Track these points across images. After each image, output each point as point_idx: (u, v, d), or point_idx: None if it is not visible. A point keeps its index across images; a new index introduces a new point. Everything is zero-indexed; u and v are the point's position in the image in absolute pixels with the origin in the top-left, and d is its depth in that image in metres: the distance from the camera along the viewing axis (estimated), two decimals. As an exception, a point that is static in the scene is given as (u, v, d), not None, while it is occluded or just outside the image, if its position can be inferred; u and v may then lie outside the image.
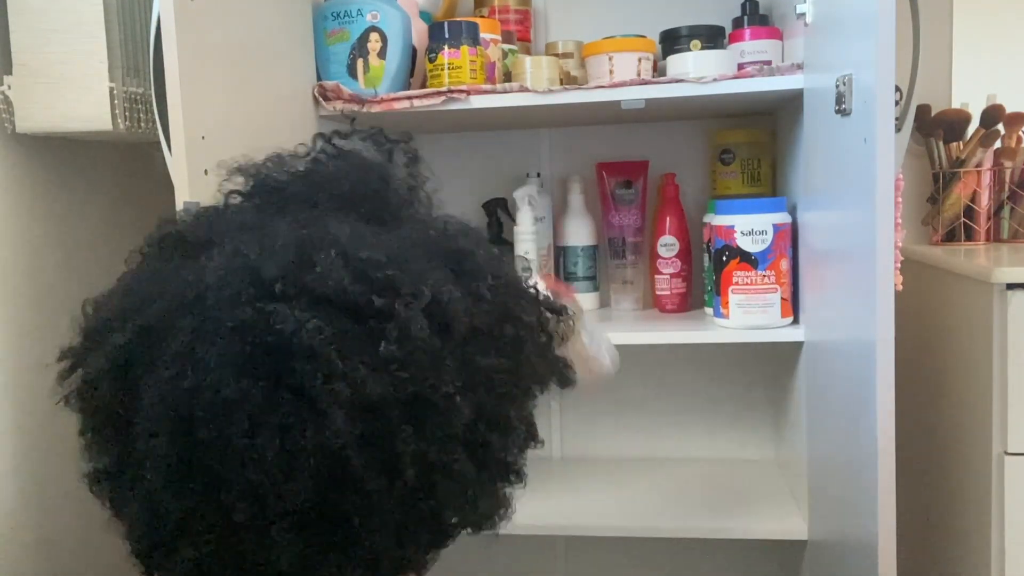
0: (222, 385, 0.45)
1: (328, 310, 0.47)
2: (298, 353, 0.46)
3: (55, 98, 1.11)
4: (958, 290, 1.16)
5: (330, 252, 0.49)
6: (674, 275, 1.41)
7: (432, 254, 0.53)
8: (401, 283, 0.49)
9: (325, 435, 0.45)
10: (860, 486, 0.94)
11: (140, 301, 0.51)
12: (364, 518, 0.48)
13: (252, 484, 0.45)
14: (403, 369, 0.47)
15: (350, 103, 1.26)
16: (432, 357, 0.48)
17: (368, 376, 0.46)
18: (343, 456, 0.46)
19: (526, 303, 0.57)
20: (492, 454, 0.52)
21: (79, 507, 1.29)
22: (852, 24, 0.94)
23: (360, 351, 0.47)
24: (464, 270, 0.54)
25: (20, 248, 1.18)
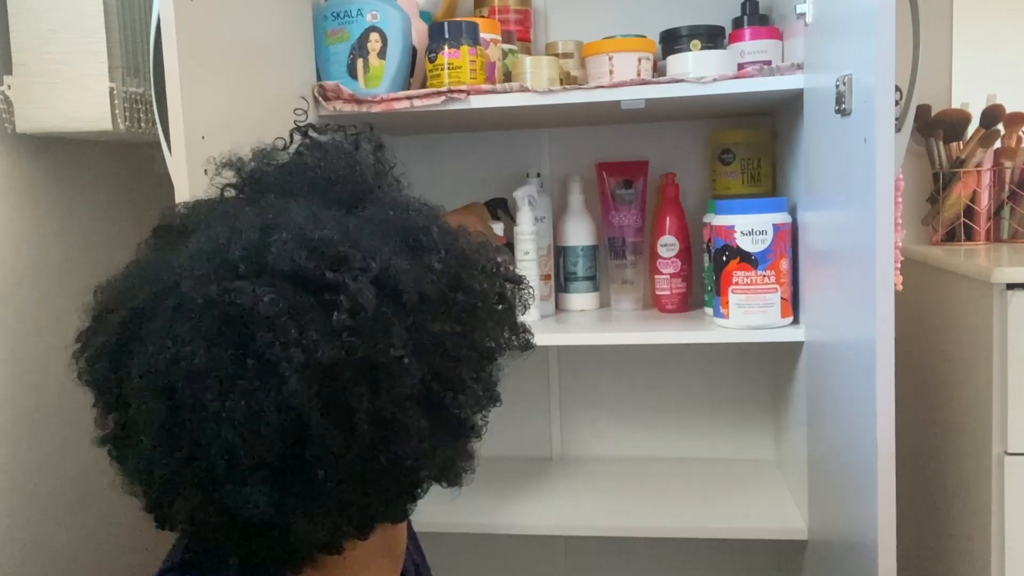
0: (195, 355, 0.51)
1: (285, 285, 0.53)
2: (258, 324, 0.51)
3: (55, 98, 1.12)
4: (958, 290, 1.16)
5: (287, 233, 0.55)
6: (674, 275, 1.41)
7: (388, 231, 0.59)
8: (352, 258, 0.54)
9: (285, 396, 0.51)
10: (860, 486, 0.94)
11: (133, 286, 0.58)
12: (328, 470, 0.53)
13: (226, 442, 0.51)
14: (354, 335, 0.53)
15: (350, 103, 1.26)
16: (381, 324, 0.54)
17: (321, 342, 0.52)
18: (303, 415, 0.52)
19: (479, 274, 0.62)
20: (446, 411, 0.58)
21: (77, 506, 1.29)
22: (852, 24, 0.94)
23: (313, 320, 0.52)
24: (418, 245, 0.59)
25: (20, 248, 1.18)
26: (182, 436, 0.52)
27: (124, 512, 1.39)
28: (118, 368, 0.56)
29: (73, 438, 1.28)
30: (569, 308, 1.49)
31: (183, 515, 0.55)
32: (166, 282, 0.55)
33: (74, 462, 1.28)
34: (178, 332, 0.52)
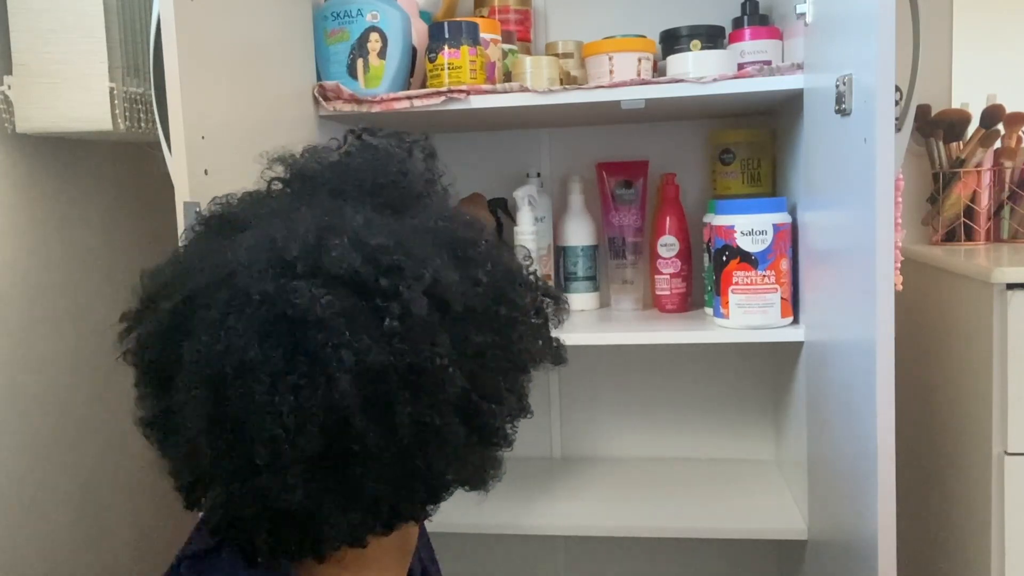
0: (248, 348, 0.53)
1: (340, 288, 0.55)
2: (312, 324, 0.53)
3: (55, 98, 1.12)
4: (958, 290, 1.16)
5: (344, 238, 0.56)
6: (674, 275, 1.41)
7: (438, 242, 0.60)
8: (405, 266, 0.56)
9: (332, 396, 0.53)
10: (860, 486, 0.94)
11: (185, 273, 0.59)
12: (365, 468, 0.55)
13: (271, 434, 0.53)
14: (403, 342, 0.55)
15: (350, 103, 1.26)
16: (429, 332, 0.56)
17: (371, 347, 0.54)
18: (348, 415, 0.53)
19: (521, 288, 0.64)
20: (482, 419, 0.60)
21: (78, 505, 1.29)
22: (852, 24, 0.94)
23: (366, 325, 0.54)
24: (465, 257, 0.61)
25: (20, 248, 1.18)
26: (227, 426, 0.54)
27: (124, 511, 1.39)
28: (168, 353, 0.57)
29: (73, 437, 1.28)
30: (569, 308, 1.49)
31: (219, 500, 0.57)
32: (221, 273, 0.56)
33: (74, 461, 1.28)
34: (232, 324, 0.54)
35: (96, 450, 1.33)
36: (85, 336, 1.30)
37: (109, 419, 1.35)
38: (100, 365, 1.33)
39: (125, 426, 1.39)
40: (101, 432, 1.34)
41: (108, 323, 1.35)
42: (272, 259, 0.56)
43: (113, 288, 1.36)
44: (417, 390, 0.55)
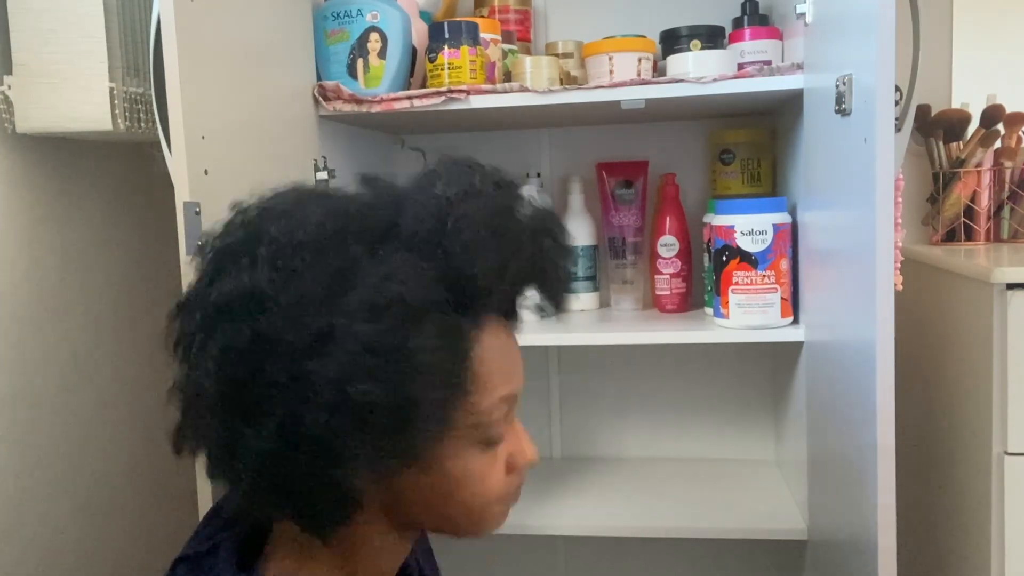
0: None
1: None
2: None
3: (55, 98, 1.11)
4: (958, 290, 1.16)
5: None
6: (674, 275, 1.41)
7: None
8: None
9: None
10: (860, 486, 0.94)
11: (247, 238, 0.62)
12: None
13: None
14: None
15: (350, 103, 1.26)
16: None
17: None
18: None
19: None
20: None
21: (79, 504, 1.29)
22: (852, 24, 0.94)
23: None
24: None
25: (20, 248, 1.18)
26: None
27: (125, 510, 1.39)
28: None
29: (74, 437, 1.28)
30: (569, 308, 1.49)
31: (251, 462, 0.58)
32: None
33: (75, 461, 1.28)
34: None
35: (97, 449, 1.33)
36: (85, 335, 1.30)
37: (110, 418, 1.35)
38: (100, 364, 1.33)
39: (126, 425, 1.39)
40: (102, 432, 1.34)
41: (108, 323, 1.35)
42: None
43: (113, 288, 1.36)
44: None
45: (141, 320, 1.42)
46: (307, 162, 1.23)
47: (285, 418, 0.56)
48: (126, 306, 1.39)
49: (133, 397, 1.40)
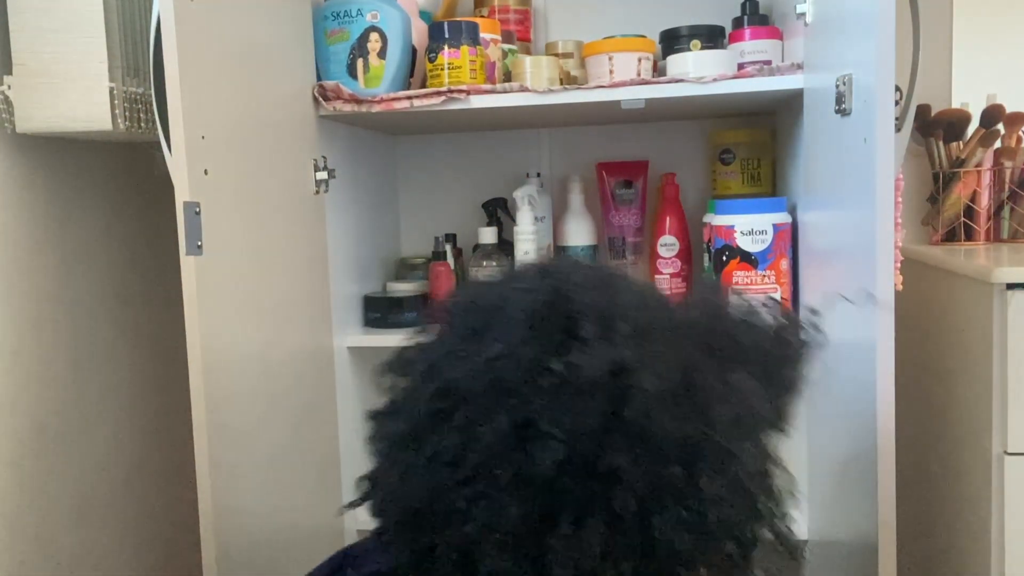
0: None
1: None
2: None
3: (55, 98, 1.11)
4: (958, 290, 1.16)
5: None
6: (674, 275, 1.41)
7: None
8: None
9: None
10: (860, 486, 0.94)
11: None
12: None
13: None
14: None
15: (350, 103, 1.26)
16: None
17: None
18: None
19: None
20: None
21: (79, 503, 1.29)
22: (852, 24, 0.94)
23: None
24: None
25: (20, 248, 1.18)
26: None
27: (125, 509, 1.39)
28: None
29: (74, 438, 1.28)
30: (569, 308, 1.49)
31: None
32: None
33: (76, 463, 1.28)
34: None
35: (96, 449, 1.33)
36: (85, 335, 1.30)
37: (109, 419, 1.35)
38: (100, 364, 1.33)
39: (125, 425, 1.39)
40: (101, 432, 1.34)
41: (108, 322, 1.35)
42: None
43: (113, 287, 1.36)
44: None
45: (141, 320, 1.42)
46: (307, 162, 1.23)
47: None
48: (126, 306, 1.39)
49: (133, 397, 1.40)
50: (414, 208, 1.62)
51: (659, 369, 0.50)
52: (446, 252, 1.43)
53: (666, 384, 0.50)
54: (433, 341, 0.55)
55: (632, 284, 0.57)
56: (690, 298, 0.62)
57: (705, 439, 0.50)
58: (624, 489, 0.48)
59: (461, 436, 0.49)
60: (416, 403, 0.53)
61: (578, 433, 0.48)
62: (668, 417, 0.50)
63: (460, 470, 0.49)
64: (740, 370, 0.55)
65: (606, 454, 0.48)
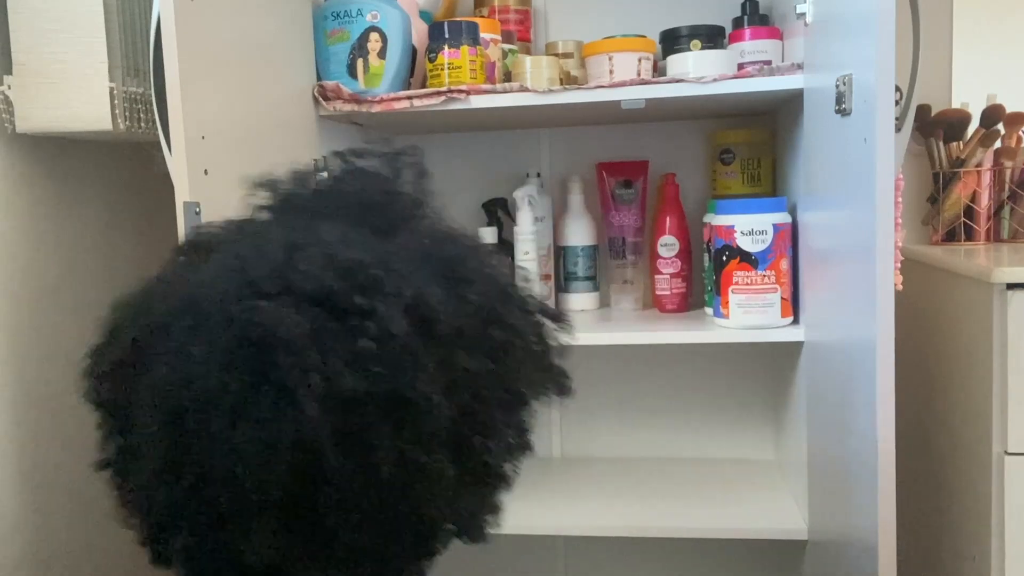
0: (208, 377, 0.48)
1: (310, 307, 0.49)
2: (278, 347, 0.48)
3: (55, 98, 1.12)
4: (958, 290, 1.16)
5: (316, 254, 0.51)
6: (674, 275, 1.41)
7: (423, 259, 0.55)
8: (383, 283, 0.51)
9: (301, 428, 0.47)
10: (860, 486, 0.94)
11: (150, 301, 0.54)
12: (342, 514, 0.49)
13: (233, 475, 0.47)
14: (380, 365, 0.49)
15: (350, 103, 1.26)
16: (411, 356, 0.50)
17: (344, 371, 0.48)
18: (319, 450, 0.47)
19: (518, 310, 0.58)
20: (474, 457, 0.54)
21: (78, 504, 1.29)
22: (852, 24, 0.94)
23: (338, 346, 0.48)
24: (454, 275, 0.55)
25: (20, 248, 1.18)
26: (187, 465, 0.49)
27: (124, 512, 1.39)
28: (127, 387, 0.52)
29: (74, 440, 1.28)
30: (569, 308, 1.49)
31: (181, 554, 0.51)
32: (184, 299, 0.52)
33: (75, 465, 1.28)
34: (192, 352, 0.49)
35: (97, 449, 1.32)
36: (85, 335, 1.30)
37: (109, 419, 1.35)
38: (100, 365, 1.33)
39: (125, 426, 1.39)
40: (101, 432, 1.34)
41: (108, 323, 1.35)
42: (237, 280, 0.51)
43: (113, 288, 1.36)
44: (399, 422, 0.49)
45: (141, 320, 1.42)
46: (307, 162, 1.24)
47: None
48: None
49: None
50: (414, 208, 1.62)
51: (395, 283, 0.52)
52: (446, 252, 1.43)
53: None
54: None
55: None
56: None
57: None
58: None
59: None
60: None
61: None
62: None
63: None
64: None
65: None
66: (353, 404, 0.48)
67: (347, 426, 0.48)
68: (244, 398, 0.47)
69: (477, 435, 0.54)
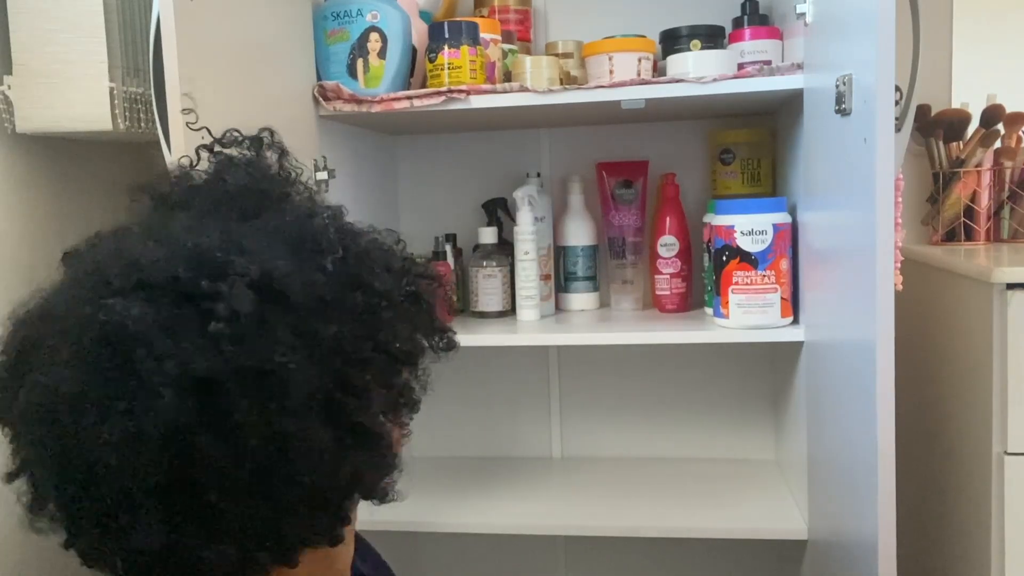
0: (74, 380, 0.50)
1: (160, 298, 0.51)
2: (131, 340, 0.49)
3: (55, 98, 1.12)
4: (958, 290, 1.16)
5: (165, 245, 0.54)
6: (674, 275, 1.41)
7: (278, 236, 0.56)
8: (229, 264, 0.52)
9: (166, 415, 0.48)
10: (860, 486, 0.94)
11: (29, 314, 0.56)
12: (221, 491, 0.50)
13: (111, 468, 0.49)
14: (232, 343, 0.50)
15: (350, 103, 1.26)
16: (263, 329, 0.51)
17: (195, 353, 0.49)
18: (186, 432, 0.49)
19: (383, 272, 0.59)
20: (349, 418, 0.54)
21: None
22: (852, 24, 0.94)
23: (188, 331, 0.50)
24: (310, 247, 0.56)
25: (20, 248, 1.18)
26: (71, 466, 0.50)
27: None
28: (11, 401, 0.54)
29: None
30: (569, 308, 1.49)
31: (88, 553, 0.54)
32: (45, 308, 0.54)
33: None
34: (60, 357, 0.51)
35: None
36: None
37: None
38: (100, 365, 1.33)
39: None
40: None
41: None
42: (92, 281, 0.53)
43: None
44: (261, 395, 0.50)
45: (141, 320, 1.42)
46: (307, 162, 1.23)
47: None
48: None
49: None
50: (414, 208, 1.62)
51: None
52: (446, 252, 1.43)
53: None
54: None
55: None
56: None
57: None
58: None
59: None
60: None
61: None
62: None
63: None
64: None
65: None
66: (212, 385, 0.49)
67: (208, 406, 0.49)
68: (108, 393, 0.49)
69: (350, 397, 0.54)
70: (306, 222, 0.59)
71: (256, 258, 0.53)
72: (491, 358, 1.63)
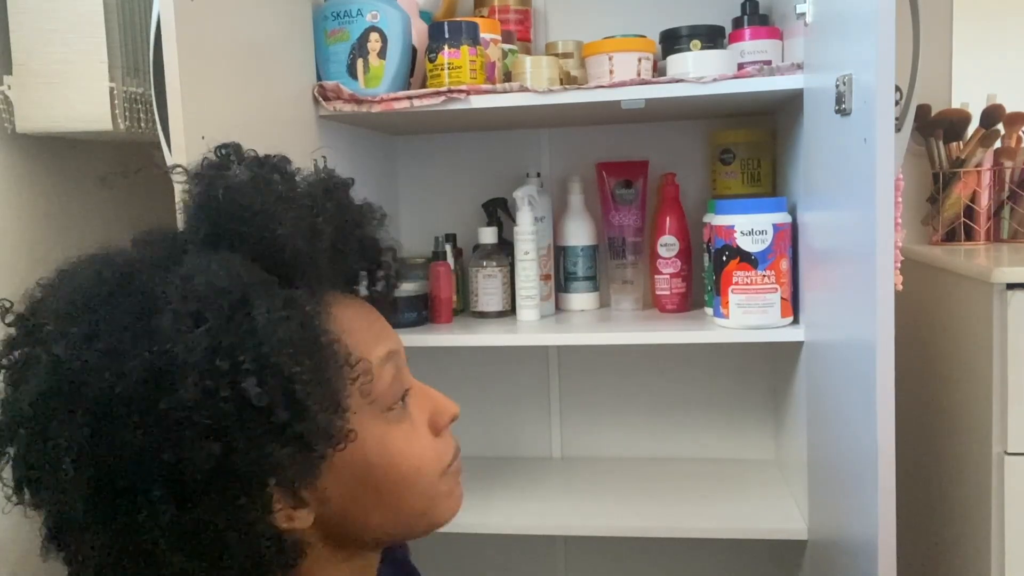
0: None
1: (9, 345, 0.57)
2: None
3: (55, 98, 1.12)
4: (958, 290, 1.16)
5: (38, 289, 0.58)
6: (674, 275, 1.41)
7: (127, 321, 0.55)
8: (42, 325, 0.56)
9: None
10: (860, 486, 0.94)
11: None
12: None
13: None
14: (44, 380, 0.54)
15: (350, 103, 1.26)
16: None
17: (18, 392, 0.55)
18: (51, 463, 0.56)
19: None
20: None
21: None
22: (852, 24, 0.94)
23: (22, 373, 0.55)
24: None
25: (20, 248, 1.18)
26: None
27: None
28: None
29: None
30: (569, 308, 1.49)
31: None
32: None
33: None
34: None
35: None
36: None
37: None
38: (100, 365, 1.33)
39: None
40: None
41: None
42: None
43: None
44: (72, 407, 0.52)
45: (141, 320, 1.42)
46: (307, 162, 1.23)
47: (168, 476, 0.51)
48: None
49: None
50: (414, 208, 1.62)
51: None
52: (446, 252, 1.43)
53: None
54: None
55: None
56: None
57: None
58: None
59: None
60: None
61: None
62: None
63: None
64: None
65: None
66: (42, 416, 0.53)
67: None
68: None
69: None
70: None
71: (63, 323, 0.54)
72: (491, 358, 1.63)
